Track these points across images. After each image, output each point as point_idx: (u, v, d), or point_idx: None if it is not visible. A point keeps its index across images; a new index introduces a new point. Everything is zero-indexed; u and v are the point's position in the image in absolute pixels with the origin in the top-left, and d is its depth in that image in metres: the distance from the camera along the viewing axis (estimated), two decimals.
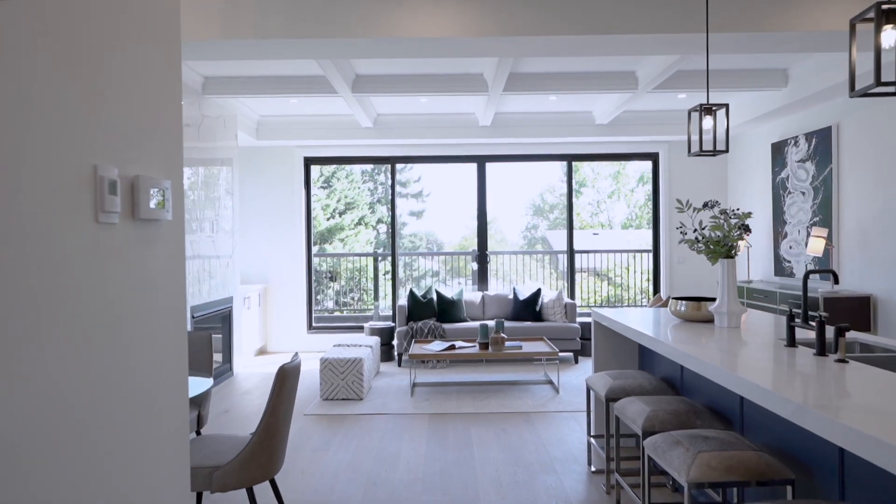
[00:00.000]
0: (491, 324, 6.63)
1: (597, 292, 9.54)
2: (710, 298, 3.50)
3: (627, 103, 6.51)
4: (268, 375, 6.51)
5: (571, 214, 8.36)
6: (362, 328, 8.06)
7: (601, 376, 3.52)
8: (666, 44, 4.16)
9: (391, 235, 8.32)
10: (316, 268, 8.63)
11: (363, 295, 9.38)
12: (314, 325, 8.33)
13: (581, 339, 7.19)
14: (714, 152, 3.56)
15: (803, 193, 6.40)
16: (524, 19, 3.97)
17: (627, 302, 9.13)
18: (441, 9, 3.96)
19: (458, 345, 6.05)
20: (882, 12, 1.96)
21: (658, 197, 8.30)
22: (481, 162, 8.27)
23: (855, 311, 5.35)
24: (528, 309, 7.29)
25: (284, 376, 2.58)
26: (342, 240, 11.31)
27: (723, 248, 3.20)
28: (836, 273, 2.69)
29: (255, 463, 2.55)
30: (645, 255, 8.63)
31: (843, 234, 5.82)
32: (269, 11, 3.97)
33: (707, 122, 3.53)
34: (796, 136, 6.50)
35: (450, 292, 7.45)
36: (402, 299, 7.53)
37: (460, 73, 5.87)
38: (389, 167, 8.35)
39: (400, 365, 6.94)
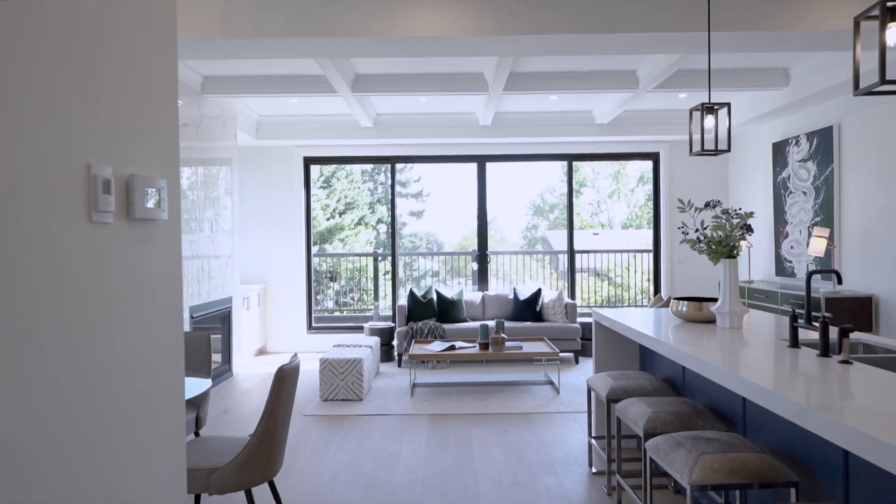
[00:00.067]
0: (491, 324, 6.61)
1: (597, 292, 9.52)
2: (712, 299, 3.49)
3: (628, 103, 6.49)
4: (267, 376, 6.49)
5: (572, 214, 8.34)
6: (362, 328, 8.04)
7: (602, 377, 3.50)
8: (667, 43, 4.14)
9: (391, 235, 8.30)
10: (316, 268, 8.61)
11: (363, 295, 9.36)
12: (314, 325, 8.31)
13: (581, 339, 7.17)
14: (716, 151, 3.54)
15: (804, 193, 6.38)
16: (524, 18, 3.95)
17: (628, 302, 9.11)
18: (441, 8, 3.94)
19: (458, 345, 6.03)
20: (887, 10, 1.94)
21: (659, 197, 8.28)
22: (481, 162, 8.25)
23: (856, 312, 5.33)
24: (529, 309, 7.27)
25: (283, 377, 2.56)
26: (342, 240, 11.30)
27: (725, 248, 3.18)
28: (839, 273, 2.67)
29: (254, 465, 2.53)
30: (645, 255, 8.61)
31: (845, 234, 5.80)
32: (268, 10, 3.95)
33: (708, 122, 3.51)
34: (797, 136, 6.48)
35: (450, 292, 7.43)
36: (402, 299, 7.51)
37: (460, 72, 5.85)
38: (389, 167, 8.33)
39: (400, 365, 6.92)
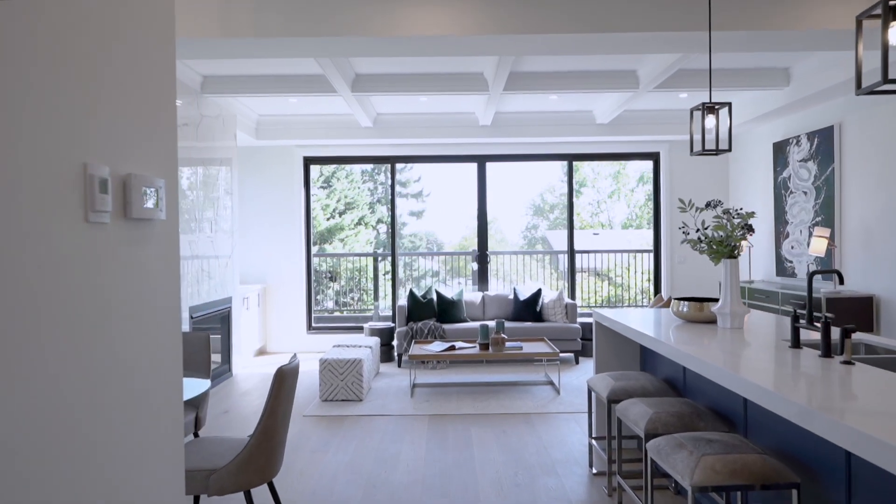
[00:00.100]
0: (491, 324, 6.60)
1: (597, 292, 9.51)
2: (713, 299, 3.47)
3: (628, 102, 6.48)
4: (267, 376, 6.48)
5: (572, 214, 8.33)
6: (362, 329, 8.03)
7: (603, 377, 3.49)
8: (668, 42, 4.13)
9: (391, 235, 8.29)
10: (316, 268, 8.60)
11: (363, 295, 9.35)
12: (314, 325, 8.30)
13: (582, 339, 7.16)
14: (717, 151, 3.53)
15: (805, 193, 6.37)
16: (524, 17, 3.94)
17: (628, 302, 9.10)
18: (441, 7, 3.93)
19: (458, 345, 6.02)
20: (889, 8, 1.93)
21: (659, 197, 8.26)
22: (481, 161, 8.24)
23: (857, 312, 5.32)
24: (529, 309, 7.25)
25: (282, 378, 2.55)
26: (342, 240, 11.29)
27: (726, 248, 3.17)
28: (841, 273, 2.66)
29: (253, 466, 2.52)
30: (646, 255, 8.60)
31: (846, 234, 5.79)
32: (267, 9, 3.94)
33: (710, 121, 3.50)
34: (798, 136, 6.47)
35: (450, 292, 7.41)
36: (402, 299, 7.50)
37: (460, 72, 5.84)
38: (389, 167, 8.32)
39: (400, 366, 6.91)
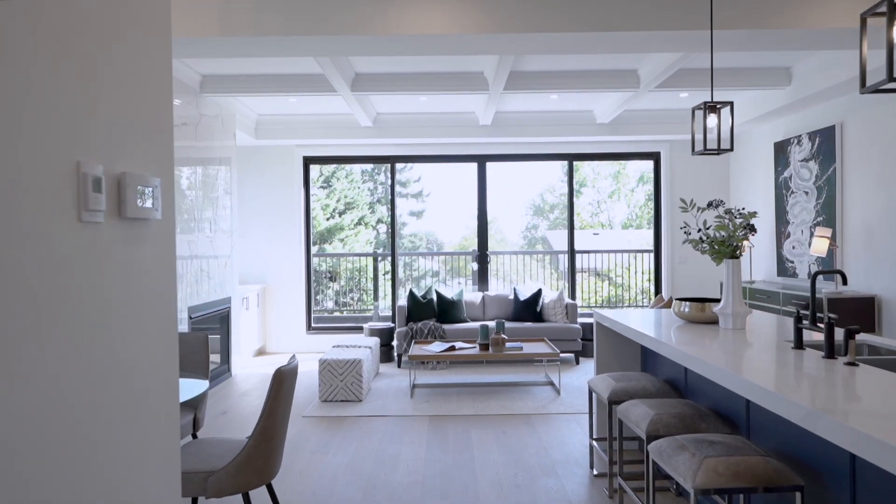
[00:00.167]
0: (491, 324, 6.58)
1: (597, 293, 9.49)
2: (714, 299, 3.45)
3: (629, 102, 6.46)
4: (266, 376, 6.46)
5: (572, 214, 8.31)
6: (362, 329, 8.01)
7: (603, 378, 3.47)
8: (669, 41, 4.11)
9: (391, 235, 8.27)
10: (315, 268, 8.58)
11: (363, 295, 9.33)
12: (313, 325, 8.27)
13: (582, 339, 7.14)
14: (718, 151, 3.51)
15: (806, 193, 6.35)
16: (525, 16, 3.92)
17: (628, 302, 9.08)
18: (441, 5, 3.91)
19: (458, 346, 6.00)
20: (894, 6, 1.91)
21: (659, 197, 8.24)
22: (481, 161, 8.22)
23: (859, 312, 5.30)
24: (529, 309, 7.23)
25: (281, 379, 2.53)
26: (342, 240, 11.27)
27: (727, 249, 3.15)
28: (844, 274, 2.64)
29: (252, 467, 2.50)
30: (646, 256, 8.57)
31: (847, 234, 5.77)
32: (267, 8, 3.92)
33: (711, 120, 3.48)
34: (799, 136, 6.44)
35: (450, 293, 7.39)
36: (402, 300, 7.48)
37: (460, 71, 5.82)
38: (389, 167, 8.30)
39: (399, 366, 6.88)
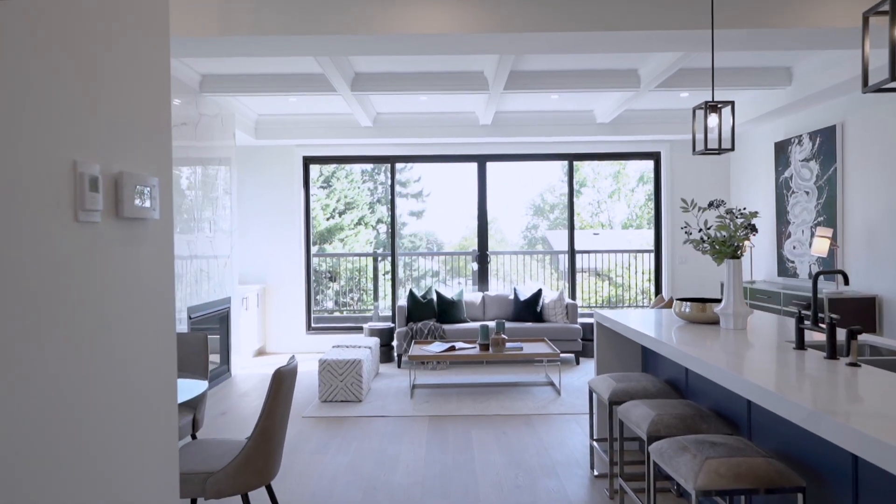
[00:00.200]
0: (491, 324, 6.57)
1: (597, 293, 9.48)
2: (715, 300, 3.44)
3: (629, 102, 6.45)
4: (266, 377, 6.45)
5: (573, 214, 8.29)
6: (361, 329, 8.00)
7: (604, 379, 3.46)
8: (670, 41, 4.09)
9: (391, 235, 8.25)
10: (315, 268, 8.57)
11: (363, 295, 9.32)
12: (313, 325, 8.26)
13: (582, 340, 7.12)
14: (719, 151, 3.50)
15: (807, 193, 6.34)
16: (525, 15, 3.91)
17: (628, 302, 9.07)
18: (441, 4, 3.90)
19: (458, 346, 5.99)
20: None
21: (660, 197, 8.23)
22: (482, 161, 8.20)
23: (860, 312, 5.29)
24: (529, 309, 7.22)
25: (281, 379, 2.52)
26: (342, 240, 11.26)
27: (728, 249, 3.14)
28: (846, 274, 2.62)
29: (251, 468, 2.49)
30: (646, 256, 8.56)
31: (848, 235, 5.76)
32: (266, 7, 3.90)
33: (712, 120, 3.47)
34: (800, 135, 6.43)
35: (450, 293, 7.38)
36: (402, 300, 7.46)
37: (461, 70, 5.81)
38: (389, 167, 8.28)
39: (399, 366, 6.87)
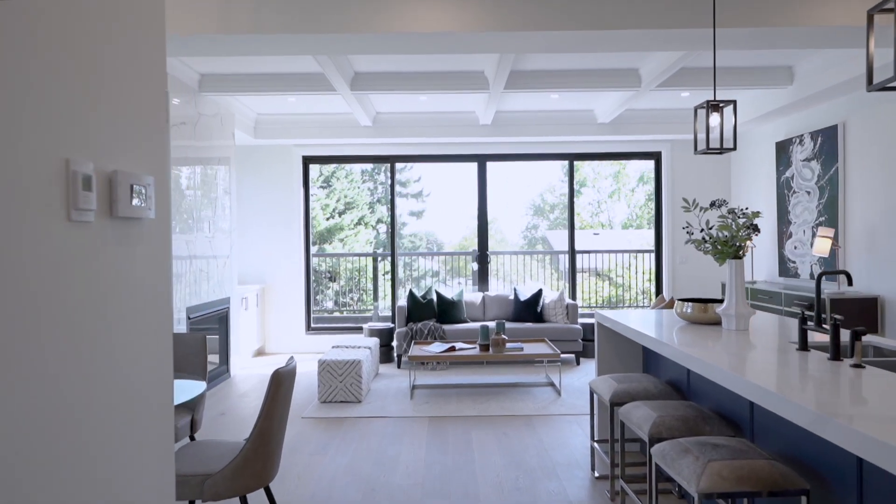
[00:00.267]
0: (491, 325, 6.55)
1: (598, 293, 9.46)
2: (717, 300, 3.42)
3: (630, 101, 6.43)
4: (266, 377, 6.42)
5: (573, 214, 8.27)
6: (361, 329, 7.98)
7: (605, 380, 3.43)
8: (671, 40, 4.07)
9: (391, 235, 8.23)
10: (315, 268, 8.55)
11: (363, 295, 9.30)
12: (313, 325, 8.24)
13: (583, 340, 7.10)
14: (721, 150, 3.48)
15: (808, 193, 6.32)
16: (525, 14, 3.89)
17: (629, 302, 9.04)
18: (441, 3, 3.88)
19: (458, 346, 5.96)
20: None
21: (660, 196, 8.21)
22: (482, 161, 8.18)
23: (862, 313, 5.26)
24: (530, 310, 7.20)
25: (279, 381, 2.49)
26: (342, 240, 11.24)
27: (731, 249, 3.11)
28: (850, 274, 2.60)
29: (249, 470, 2.47)
30: (647, 256, 8.54)
31: (850, 235, 5.73)
32: (266, 6, 3.88)
33: (714, 119, 3.45)
34: (801, 135, 6.41)
35: (450, 293, 7.36)
36: (402, 300, 7.44)
37: (461, 70, 5.79)
38: (389, 166, 8.26)
39: (399, 367, 6.85)
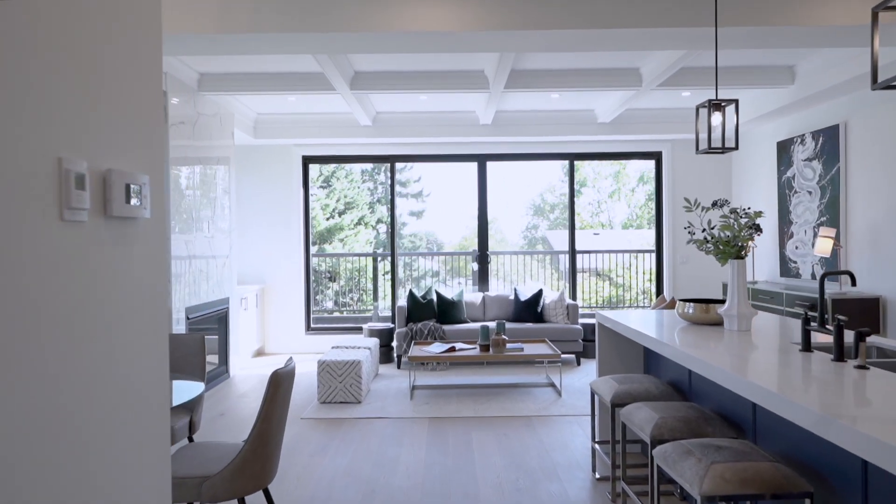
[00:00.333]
0: (492, 325, 6.53)
1: (598, 293, 9.44)
2: (718, 300, 3.40)
3: (630, 101, 6.41)
4: (265, 377, 6.40)
5: (573, 214, 8.25)
6: (361, 329, 7.95)
7: (606, 380, 3.41)
8: (672, 39, 4.05)
9: (391, 235, 8.21)
10: (315, 268, 8.53)
11: (362, 295, 9.28)
12: (312, 326, 8.22)
13: (583, 340, 7.08)
14: (723, 150, 3.46)
15: (810, 193, 6.29)
16: (526, 13, 3.87)
17: (629, 303, 9.02)
18: (441, 2, 3.86)
19: (458, 347, 5.94)
20: None
21: (661, 196, 8.18)
22: (482, 161, 8.16)
23: (864, 313, 5.24)
24: (530, 310, 7.18)
25: (278, 382, 2.47)
26: (342, 240, 11.22)
27: (733, 249, 3.09)
28: (853, 274, 2.58)
29: (247, 472, 2.44)
30: (647, 256, 8.52)
31: (852, 235, 5.71)
32: (265, 5, 3.86)
33: (716, 118, 3.43)
34: (803, 135, 6.39)
35: (450, 293, 7.34)
36: (402, 300, 7.42)
37: (461, 69, 5.76)
38: (389, 166, 8.24)
39: (399, 367, 6.83)
